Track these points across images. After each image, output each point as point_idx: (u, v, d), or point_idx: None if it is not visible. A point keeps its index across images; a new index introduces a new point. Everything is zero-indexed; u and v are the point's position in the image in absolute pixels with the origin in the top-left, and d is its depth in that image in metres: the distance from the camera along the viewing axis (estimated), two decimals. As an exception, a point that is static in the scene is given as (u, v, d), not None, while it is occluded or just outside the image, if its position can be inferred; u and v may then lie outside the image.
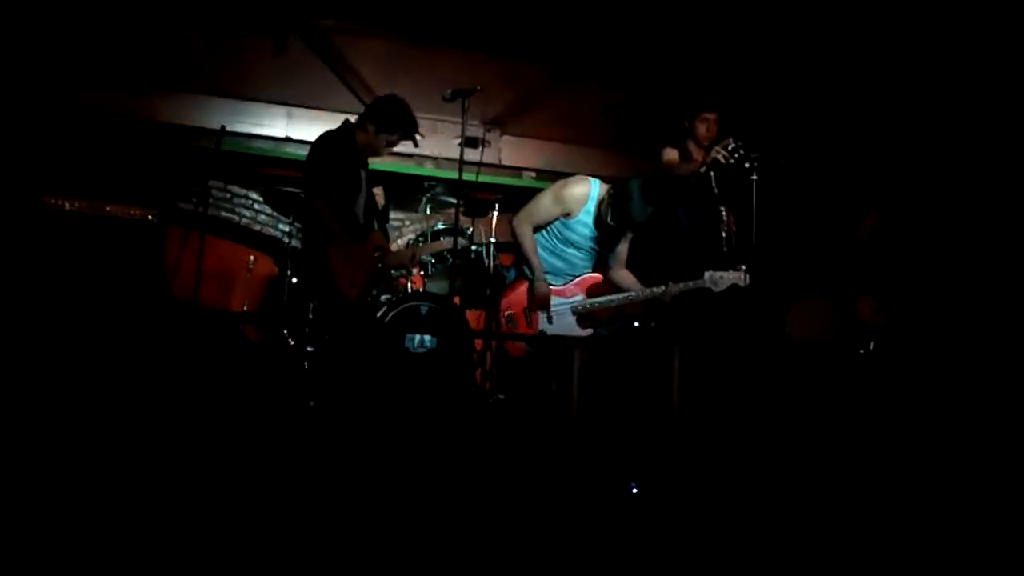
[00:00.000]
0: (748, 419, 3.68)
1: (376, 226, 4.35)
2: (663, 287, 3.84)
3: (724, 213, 4.22)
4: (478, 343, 5.16)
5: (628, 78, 6.59)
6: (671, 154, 4.17)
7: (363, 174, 4.25)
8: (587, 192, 3.77)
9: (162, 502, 2.65)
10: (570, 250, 3.79)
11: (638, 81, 6.60)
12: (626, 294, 3.84)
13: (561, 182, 3.87)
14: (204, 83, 5.81)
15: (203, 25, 5.78)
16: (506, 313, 3.75)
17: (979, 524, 3.13)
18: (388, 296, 4.72)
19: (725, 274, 3.82)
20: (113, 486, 2.76)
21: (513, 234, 3.81)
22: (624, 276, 3.95)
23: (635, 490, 3.60)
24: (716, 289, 3.82)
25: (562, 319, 3.77)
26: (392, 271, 4.27)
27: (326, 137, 4.19)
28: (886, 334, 4.54)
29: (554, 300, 3.75)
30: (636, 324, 5.32)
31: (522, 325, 3.74)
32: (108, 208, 4.47)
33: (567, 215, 3.75)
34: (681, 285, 3.83)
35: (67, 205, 4.38)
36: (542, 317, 3.73)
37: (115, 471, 2.91)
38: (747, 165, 4.15)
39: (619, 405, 4.75)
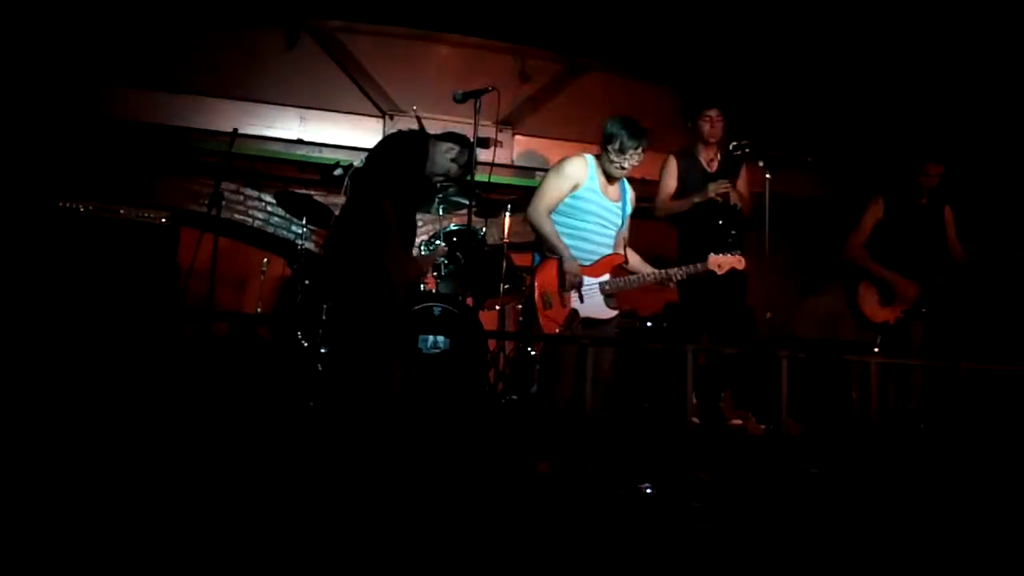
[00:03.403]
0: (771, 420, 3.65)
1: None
2: (674, 270, 3.86)
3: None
4: (491, 343, 5.15)
5: (641, 75, 6.56)
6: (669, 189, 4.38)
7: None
8: (584, 161, 3.87)
9: (173, 500, 2.65)
10: (588, 224, 3.80)
11: (651, 78, 6.57)
12: (646, 273, 3.86)
13: (557, 162, 3.90)
14: (216, 85, 5.83)
15: (215, 26, 5.80)
16: (541, 293, 3.74)
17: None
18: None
19: (725, 258, 3.85)
20: (125, 483, 2.76)
21: (532, 225, 3.81)
22: (631, 258, 3.96)
23: (649, 491, 3.58)
24: (719, 272, 3.85)
25: (592, 299, 3.79)
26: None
27: (405, 136, 3.99)
28: (894, 329, 4.45)
29: (583, 280, 3.76)
30: (648, 324, 5.30)
31: (557, 304, 3.74)
32: (121, 211, 4.50)
33: (575, 187, 3.78)
34: (688, 268, 3.84)
35: (81, 207, 4.41)
36: (574, 296, 3.73)
37: (127, 469, 2.92)
38: (760, 163, 4.12)
39: (634, 405, 4.73)
